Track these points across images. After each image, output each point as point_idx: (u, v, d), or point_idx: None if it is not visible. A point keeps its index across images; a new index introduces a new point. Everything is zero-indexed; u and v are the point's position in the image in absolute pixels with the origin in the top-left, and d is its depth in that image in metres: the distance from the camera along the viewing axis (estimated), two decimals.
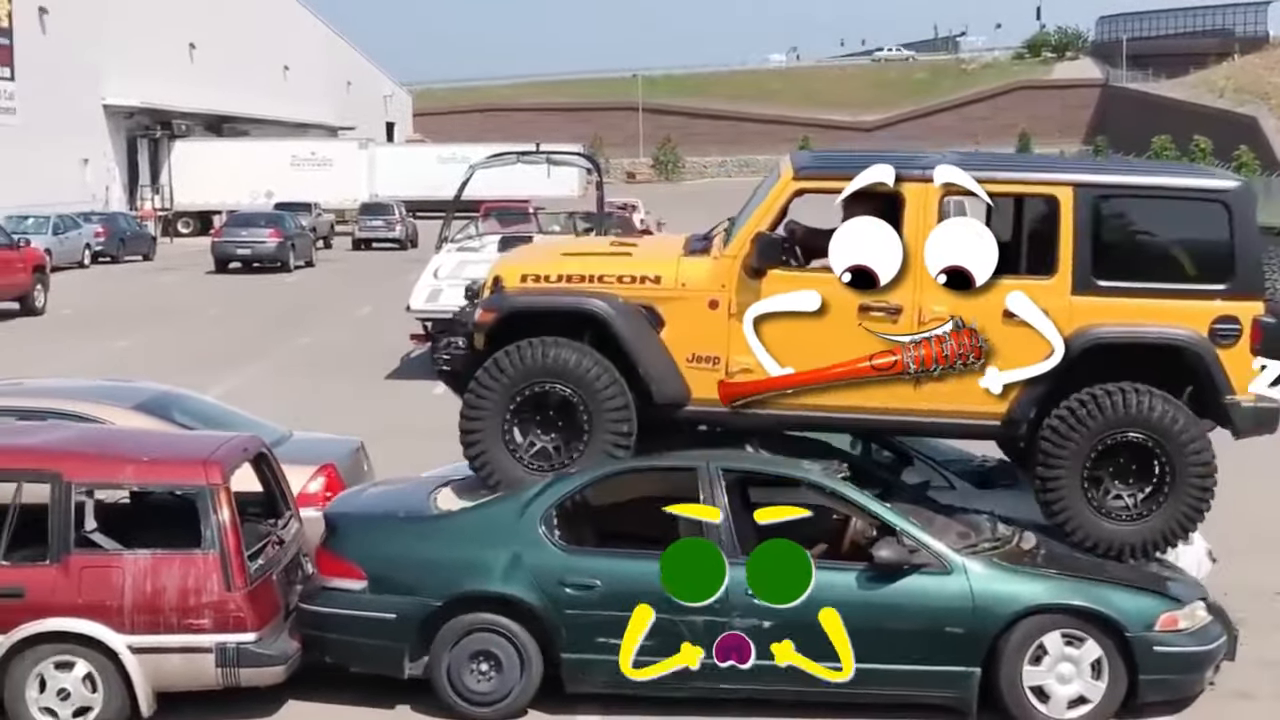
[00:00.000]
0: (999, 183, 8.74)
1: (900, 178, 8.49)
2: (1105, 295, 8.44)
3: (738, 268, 8.58)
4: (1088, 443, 8.39)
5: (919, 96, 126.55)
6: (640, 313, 8.64)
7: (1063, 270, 8.45)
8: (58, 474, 8.14)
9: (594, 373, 8.50)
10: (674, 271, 8.77)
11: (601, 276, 8.77)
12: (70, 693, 8.07)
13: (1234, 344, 8.43)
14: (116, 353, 23.13)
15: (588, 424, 8.55)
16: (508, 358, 8.55)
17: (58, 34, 53.84)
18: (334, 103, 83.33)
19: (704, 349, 8.62)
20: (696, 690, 8.27)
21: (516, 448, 8.63)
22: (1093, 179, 8.73)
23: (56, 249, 38.83)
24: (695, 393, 8.65)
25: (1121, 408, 8.34)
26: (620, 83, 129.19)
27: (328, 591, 8.50)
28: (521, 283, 8.88)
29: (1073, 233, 8.43)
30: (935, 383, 8.49)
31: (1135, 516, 8.50)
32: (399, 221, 51.79)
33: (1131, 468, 8.48)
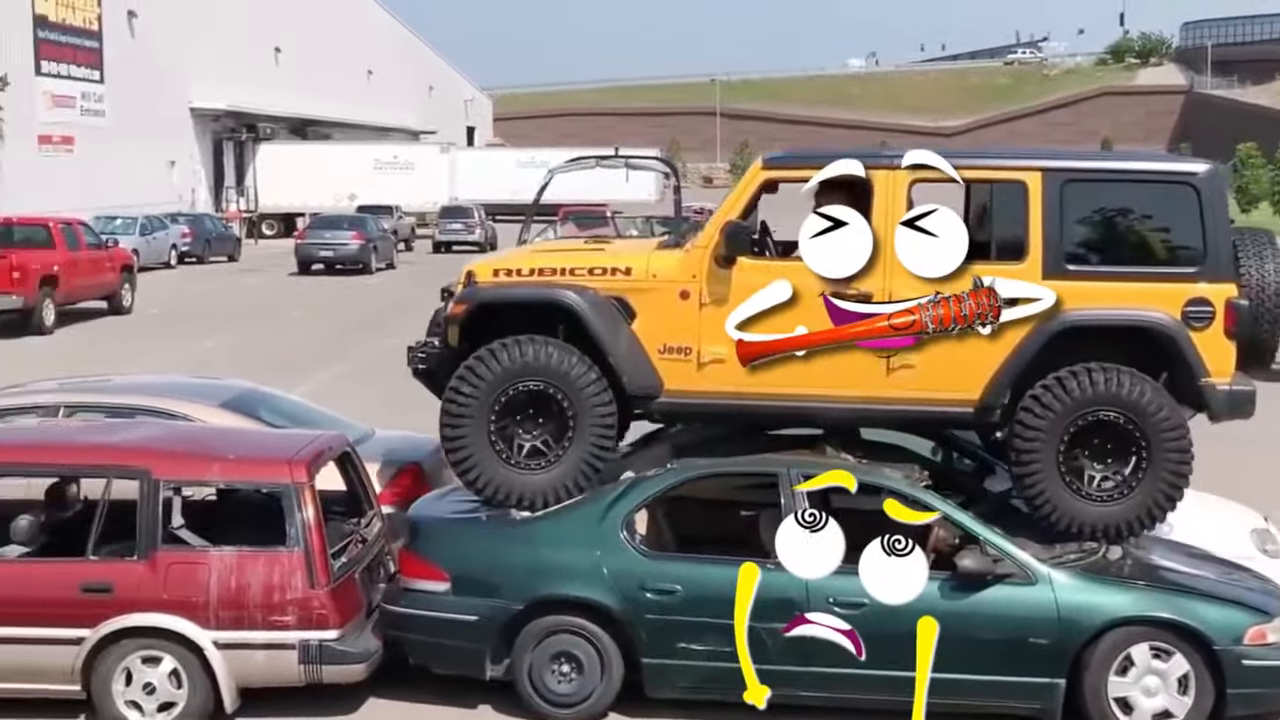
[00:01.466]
0: (967, 169, 8.65)
1: (868, 166, 8.49)
2: (1075, 279, 8.37)
3: (708, 258, 8.56)
4: (1061, 424, 8.29)
5: (1001, 102, 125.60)
6: (611, 304, 8.64)
7: (1032, 255, 8.39)
8: (146, 471, 8.23)
9: (574, 367, 8.50)
10: (645, 263, 8.78)
11: (573, 269, 8.78)
12: (156, 687, 8.16)
13: (1207, 327, 8.33)
14: (202, 352, 23.42)
15: (573, 419, 8.55)
16: (483, 362, 8.55)
17: (146, 37, 54.72)
18: (416, 107, 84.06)
19: (676, 339, 8.62)
20: (775, 697, 8.24)
21: (504, 451, 8.62)
22: (1060, 164, 8.67)
23: (144, 249, 39.49)
24: (668, 384, 8.64)
25: (1089, 386, 8.25)
26: (698, 87, 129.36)
27: (410, 593, 8.54)
28: (494, 277, 8.90)
29: (1041, 217, 8.37)
30: (908, 370, 8.44)
31: (1113, 496, 8.38)
32: (478, 224, 52.11)
33: (1107, 447, 8.38)
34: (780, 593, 8.08)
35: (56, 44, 49.80)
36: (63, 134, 49.75)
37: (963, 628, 8.05)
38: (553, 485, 8.59)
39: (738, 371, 8.55)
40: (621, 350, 8.57)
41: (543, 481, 8.61)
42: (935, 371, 8.42)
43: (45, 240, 28.53)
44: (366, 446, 9.91)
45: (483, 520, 8.72)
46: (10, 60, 45.84)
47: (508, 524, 8.61)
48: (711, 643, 8.15)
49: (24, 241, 28.65)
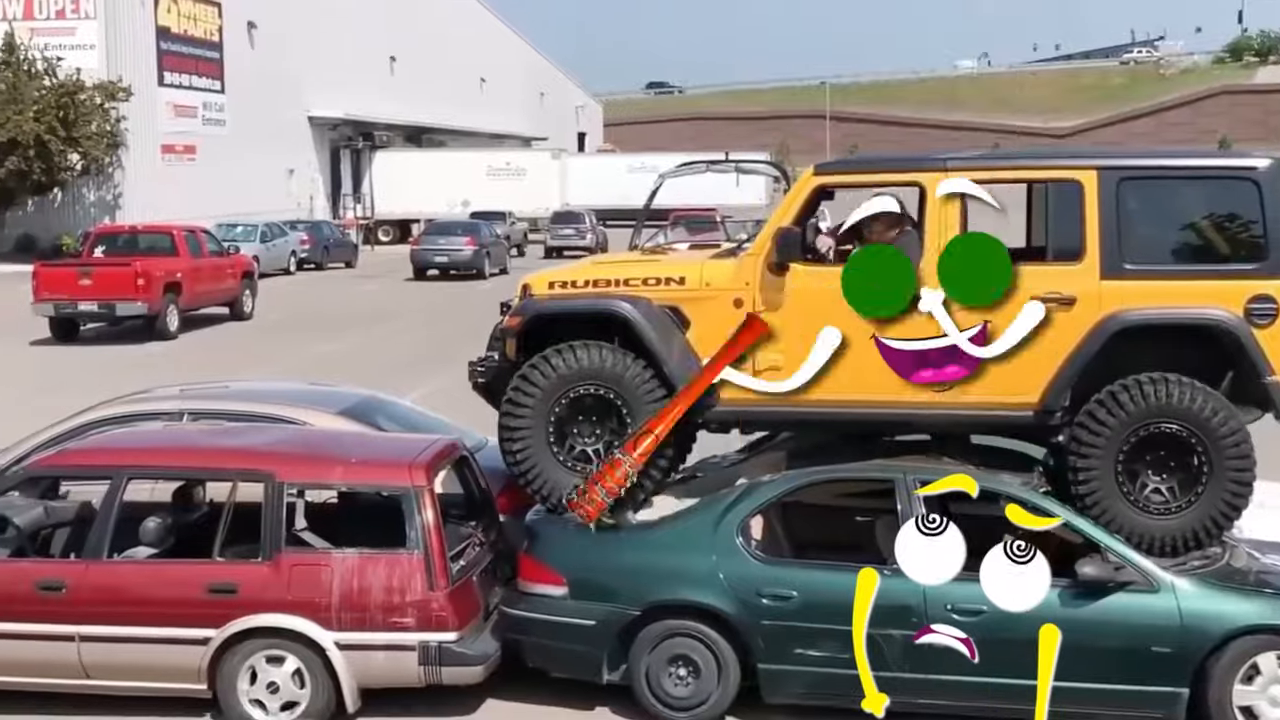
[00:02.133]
0: (1023, 169, 8.54)
1: (922, 170, 8.49)
2: (1134, 278, 8.21)
3: (760, 265, 8.53)
4: (1117, 438, 8.15)
5: (1115, 102, 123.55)
6: (665, 314, 8.65)
7: (1090, 255, 8.25)
8: (271, 474, 8.39)
9: (630, 371, 8.52)
10: (698, 272, 8.77)
11: (627, 280, 8.80)
12: (279, 686, 8.29)
13: (1271, 324, 8.14)
14: (320, 357, 23.77)
15: (630, 423, 8.56)
16: (539, 368, 8.61)
17: (265, 49, 55.71)
18: (528, 114, 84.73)
19: None
20: (894, 704, 8.19)
21: (563, 455, 8.67)
22: (1116, 162, 8.51)
23: (264, 256, 40.15)
24: (723, 392, 8.61)
25: (1144, 399, 8.10)
26: (807, 91, 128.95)
27: (529, 597, 8.61)
28: (549, 289, 8.95)
29: (1098, 216, 8.23)
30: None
31: (1174, 509, 8.21)
32: (589, 230, 52.30)
33: (1166, 459, 8.21)
34: (899, 599, 8.04)
35: (179, 55, 50.90)
36: (185, 143, 50.81)
37: (1084, 636, 7.94)
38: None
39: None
40: (676, 359, 8.58)
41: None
42: (995, 375, 8.33)
43: (169, 248, 29.16)
44: (480, 455, 10.00)
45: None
46: (135, 72, 46.94)
47: (624, 529, 8.65)
48: (828, 649, 8.12)
49: (149, 249, 29.32)
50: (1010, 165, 8.46)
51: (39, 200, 46.61)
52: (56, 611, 8.33)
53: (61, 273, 27.75)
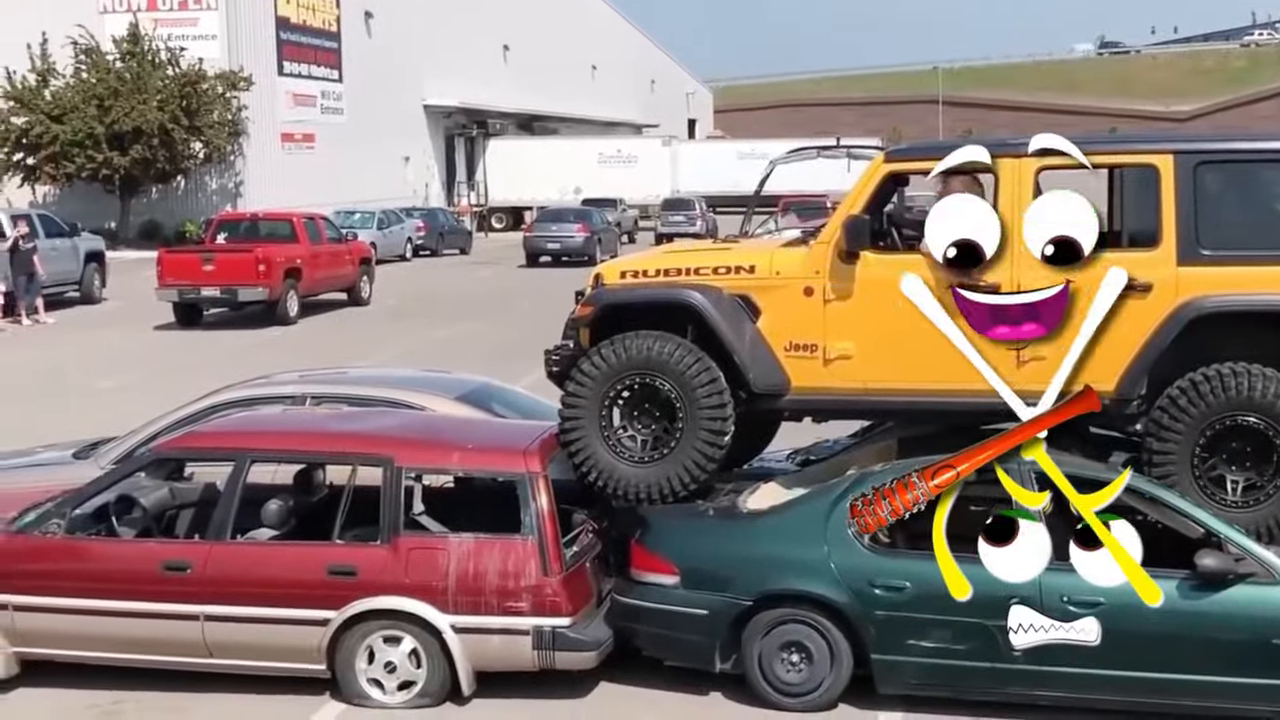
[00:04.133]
0: (1095, 154, 8.39)
1: (994, 154, 8.31)
2: (1212, 264, 8.05)
3: (830, 253, 8.48)
4: (1196, 429, 8.02)
5: (1237, 85, 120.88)
6: (736, 303, 8.62)
7: (1166, 241, 8.10)
8: (390, 459, 8.51)
9: (691, 366, 8.50)
10: (768, 261, 8.73)
11: (698, 269, 8.78)
12: (396, 666, 8.41)
13: None
14: (435, 342, 24.04)
15: (681, 415, 8.56)
16: (608, 349, 8.65)
17: (381, 38, 56.33)
18: (638, 101, 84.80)
19: (801, 337, 8.58)
20: (1008, 696, 8.17)
21: (613, 439, 8.71)
22: (1193, 146, 8.33)
23: (381, 243, 40.68)
24: (795, 381, 8.60)
25: (1224, 391, 7.95)
26: (919, 76, 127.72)
27: (640, 585, 8.65)
28: (621, 279, 8.98)
29: (1175, 201, 8.07)
30: (1038, 361, 8.22)
31: (1250, 502, 8.09)
32: (700, 216, 52.23)
33: (1245, 451, 8.06)
34: (1011, 589, 7.99)
35: (298, 45, 51.66)
36: (304, 132, 51.58)
37: (1203, 628, 7.85)
38: (656, 480, 8.70)
39: (864, 367, 8.51)
40: (747, 348, 8.58)
41: (648, 474, 8.72)
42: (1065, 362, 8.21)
43: (289, 234, 29.67)
44: None
45: (710, 514, 8.80)
46: (255, 61, 47.73)
47: (735, 518, 8.68)
48: (941, 639, 8.09)
49: (269, 236, 29.87)
50: (1087, 150, 8.35)
51: (163, 188, 47.62)
52: (182, 591, 8.52)
53: (185, 259, 28.34)
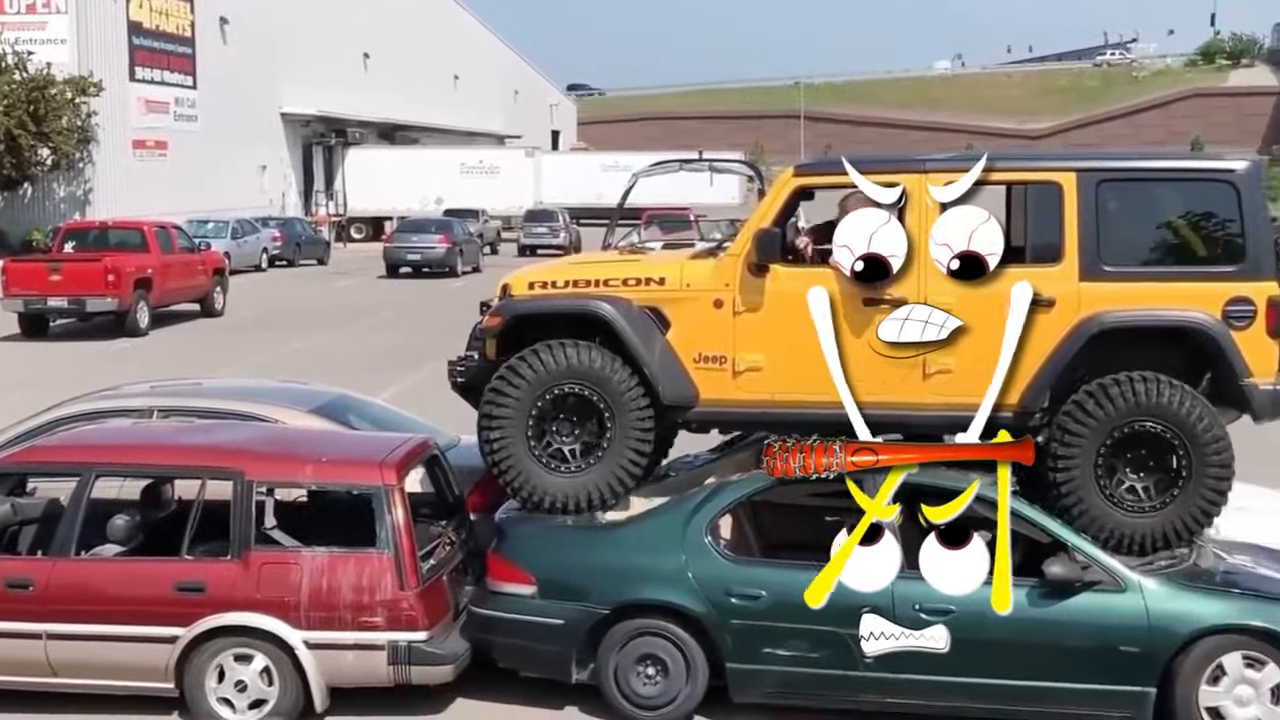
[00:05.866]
0: (1002, 171, 8.55)
1: (901, 170, 8.44)
2: (1113, 280, 8.26)
3: (740, 266, 8.55)
4: (1101, 433, 8.19)
5: (1089, 104, 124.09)
6: (646, 315, 8.65)
7: (1069, 257, 8.29)
8: (240, 472, 8.36)
9: (614, 372, 8.52)
10: (678, 273, 8.77)
11: (607, 280, 8.79)
12: (247, 685, 8.27)
13: (1249, 326, 8.18)
14: (291, 354, 23.71)
15: (610, 424, 8.57)
16: (524, 363, 8.61)
17: (238, 44, 55.46)
18: (502, 111, 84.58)
19: (710, 349, 8.60)
20: (861, 703, 8.24)
21: (539, 452, 8.66)
22: (1095, 164, 8.56)
23: (235, 253, 40.03)
24: (704, 393, 8.64)
25: (1132, 396, 8.15)
26: (782, 91, 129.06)
27: (497, 596, 8.60)
28: (529, 290, 8.95)
29: (1077, 219, 8.28)
30: (945, 375, 8.35)
31: (1150, 508, 8.27)
32: (563, 228, 52.29)
33: (1146, 458, 8.26)
34: (863, 598, 8.07)
35: (150, 50, 50.59)
36: (156, 139, 50.52)
37: (1052, 635, 7.99)
38: (586, 489, 8.65)
39: (773, 380, 8.54)
40: (656, 360, 8.58)
41: (578, 484, 8.66)
42: (973, 376, 8.33)
43: (140, 244, 29.02)
44: (452, 454, 9.99)
45: (568, 524, 8.77)
46: (106, 67, 46.68)
47: (593, 528, 8.66)
48: (796, 648, 8.15)
49: (119, 245, 29.19)
50: (990, 167, 8.49)
51: (8, 196, 46.25)
52: (24, 609, 8.28)
53: (31, 268, 27.62)
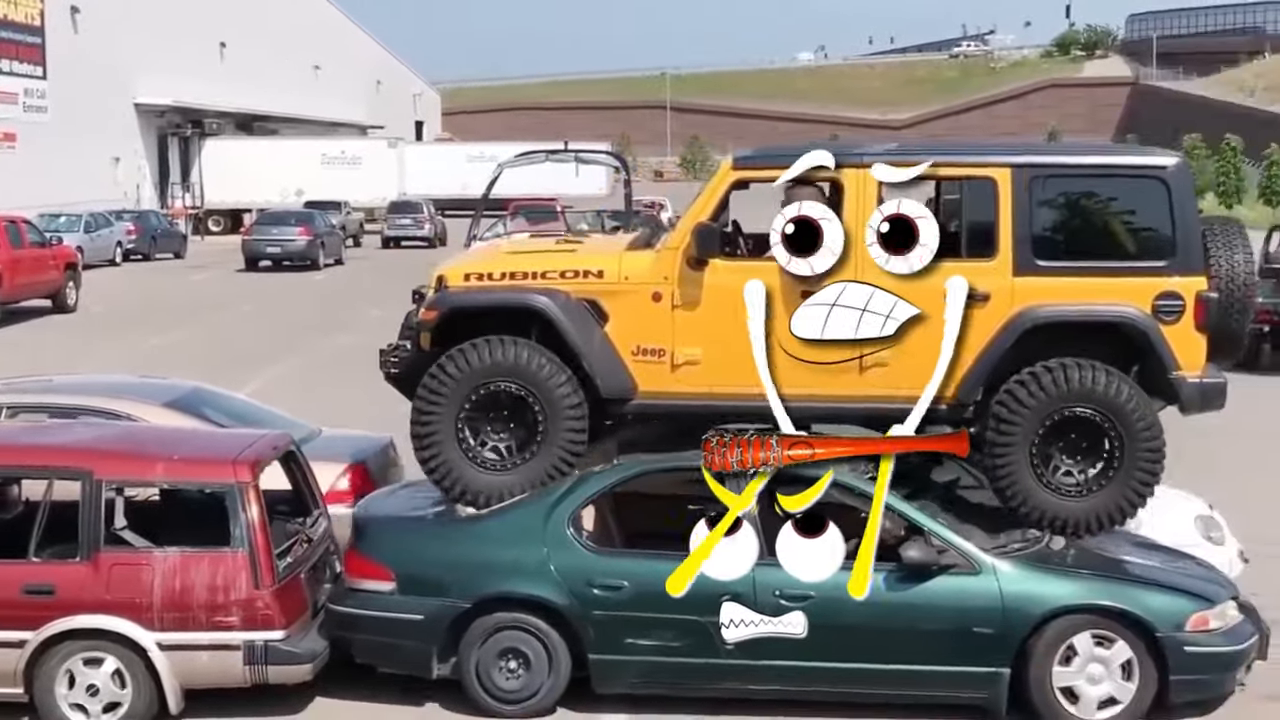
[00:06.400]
0: (936, 165, 8.65)
1: (839, 164, 8.49)
2: (1046, 275, 8.41)
3: (679, 259, 8.56)
4: (1036, 419, 8.34)
5: (948, 95, 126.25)
6: (584, 307, 8.63)
7: (1003, 252, 8.43)
8: (88, 472, 8.18)
9: (547, 370, 8.49)
10: (616, 265, 8.76)
11: (545, 273, 8.75)
12: (99, 689, 8.11)
13: (1177, 320, 8.39)
14: (148, 350, 23.22)
15: (542, 422, 8.54)
16: (454, 360, 8.53)
17: (89, 34, 54.14)
18: (364, 102, 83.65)
19: (649, 341, 8.62)
20: (723, 690, 8.29)
21: (470, 449, 8.60)
22: (1029, 159, 8.69)
23: (88, 247, 39.07)
24: (642, 385, 8.65)
25: (1065, 383, 8.30)
26: (648, 81, 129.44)
27: (356, 592, 8.51)
28: (465, 281, 8.87)
29: (1011, 214, 8.41)
30: (880, 368, 8.46)
31: (1084, 492, 8.44)
32: (428, 220, 51.88)
33: (1080, 443, 8.43)
34: (729, 585, 8.12)
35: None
36: (4, 131, 49.13)
37: (908, 618, 8.10)
38: (519, 486, 8.58)
39: (711, 372, 8.55)
40: (595, 353, 8.55)
41: (508, 482, 8.59)
42: (908, 369, 8.42)
43: None
44: (312, 446, 9.87)
45: (428, 519, 8.72)
46: None
47: (453, 522, 8.61)
48: (659, 638, 8.18)
49: None
50: (934, 163, 8.56)
51: None
52: None
53: None
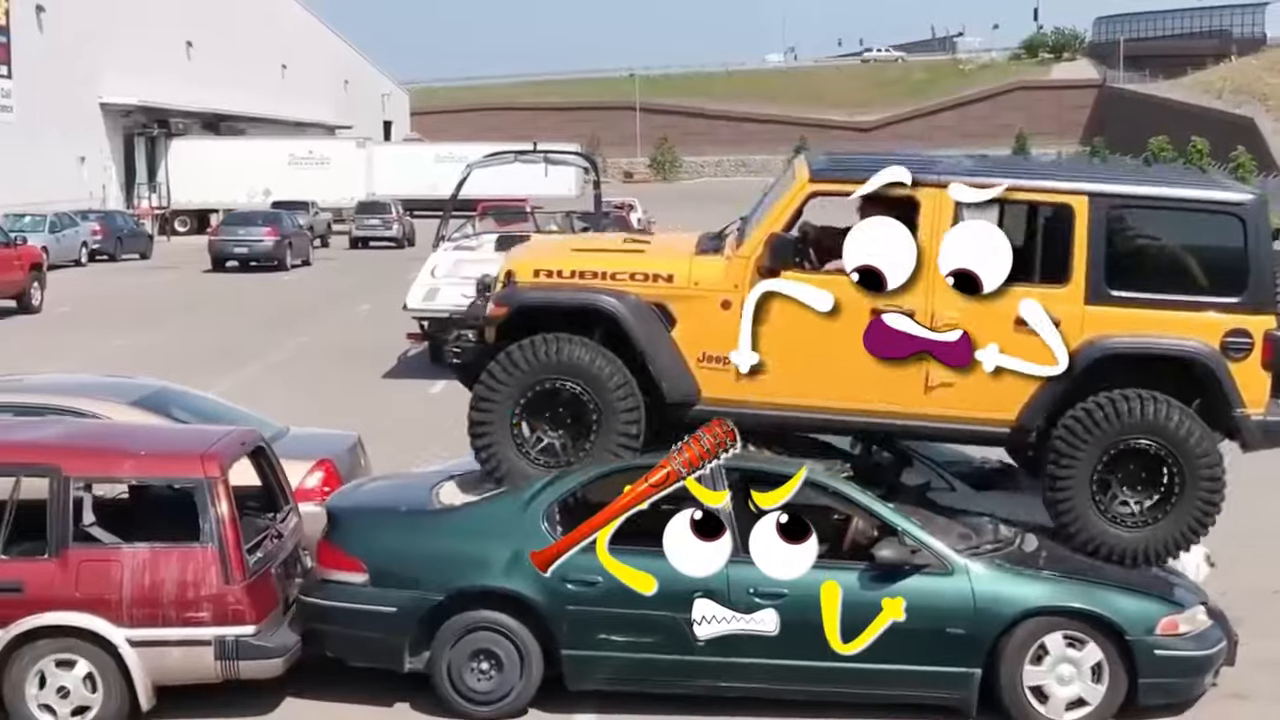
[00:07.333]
0: (1014, 190, 8.61)
1: (916, 181, 8.46)
2: (1118, 305, 8.42)
3: (751, 268, 8.54)
4: (1099, 447, 8.36)
5: (917, 97, 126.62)
6: (652, 311, 8.62)
7: (1076, 279, 8.42)
8: (56, 468, 8.12)
9: (607, 372, 8.49)
10: (687, 270, 8.73)
11: (614, 274, 8.72)
12: (70, 690, 8.06)
13: (1245, 358, 8.39)
14: (113, 351, 23.07)
15: (596, 423, 8.53)
16: (521, 352, 8.53)
17: (55, 32, 53.80)
18: (332, 102, 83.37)
19: (715, 348, 8.60)
20: (694, 688, 8.27)
21: (524, 443, 8.60)
22: (1108, 189, 8.68)
23: (53, 247, 38.85)
24: (705, 392, 8.63)
25: (1129, 414, 8.31)
26: (618, 82, 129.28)
27: (328, 584, 8.48)
28: (534, 277, 8.84)
29: (1087, 242, 8.39)
30: (946, 388, 8.47)
31: (1141, 523, 8.47)
32: (396, 220, 51.75)
33: (1141, 475, 8.45)
34: (698, 583, 8.11)
35: None
36: None
37: (880, 618, 8.08)
38: None
39: (775, 383, 8.55)
40: (661, 357, 8.54)
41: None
42: (974, 391, 8.44)
43: None
44: (281, 444, 9.82)
45: (402, 511, 8.69)
46: None
47: (428, 515, 8.59)
48: (631, 634, 8.17)
49: None
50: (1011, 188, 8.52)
51: None
52: None
53: None
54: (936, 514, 8.80)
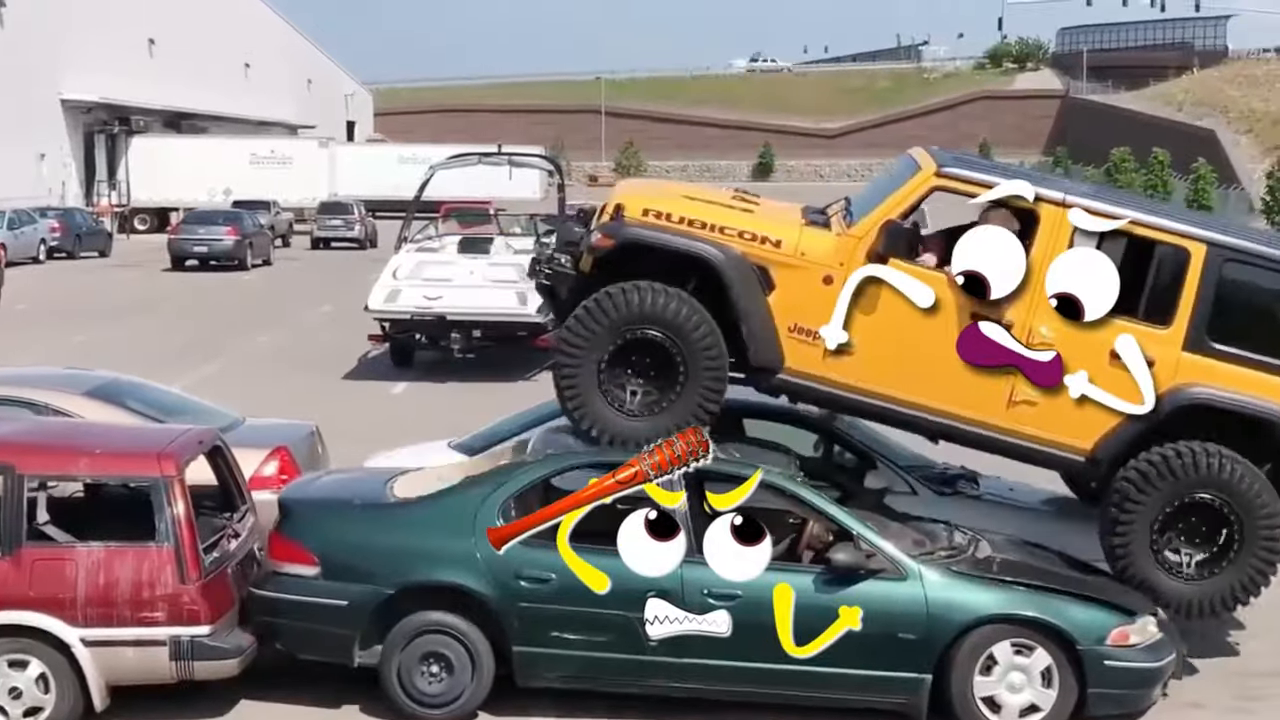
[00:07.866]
0: (1136, 224, 8.64)
1: (1039, 198, 8.53)
2: (1213, 357, 8.50)
3: (860, 249, 8.55)
4: (1160, 500, 8.44)
5: (881, 105, 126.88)
6: (754, 271, 8.57)
7: (1179, 324, 8.50)
8: (10, 466, 8.06)
9: (698, 325, 8.44)
10: (796, 238, 8.70)
11: (723, 228, 8.66)
12: (22, 691, 8.01)
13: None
14: (72, 348, 22.89)
15: (683, 375, 8.48)
16: (611, 300, 8.46)
17: (14, 28, 53.36)
18: (294, 101, 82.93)
19: (807, 321, 8.60)
20: (647, 688, 8.29)
21: (607, 390, 8.54)
22: (1229, 241, 8.75)
23: (11, 244, 38.58)
24: (789, 362, 8.63)
25: (1194, 468, 8.39)
26: (583, 85, 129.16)
27: (279, 577, 8.43)
28: (643, 216, 8.73)
29: (1197, 289, 8.47)
30: (1028, 406, 8.55)
31: (1199, 576, 8.55)
32: (358, 221, 51.52)
33: (1200, 527, 8.53)
34: (651, 582, 8.13)
35: None
36: None
37: (833, 621, 8.10)
38: (645, 435, 8.47)
39: (861, 367, 8.56)
40: (754, 319, 8.51)
41: (636, 428, 8.52)
42: (1054, 414, 8.50)
43: None
44: (236, 433, 9.81)
45: (356, 504, 8.66)
46: None
47: (381, 508, 8.57)
48: (583, 632, 8.17)
49: None
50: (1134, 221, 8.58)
51: None
52: None
53: None
54: (891, 519, 8.85)
